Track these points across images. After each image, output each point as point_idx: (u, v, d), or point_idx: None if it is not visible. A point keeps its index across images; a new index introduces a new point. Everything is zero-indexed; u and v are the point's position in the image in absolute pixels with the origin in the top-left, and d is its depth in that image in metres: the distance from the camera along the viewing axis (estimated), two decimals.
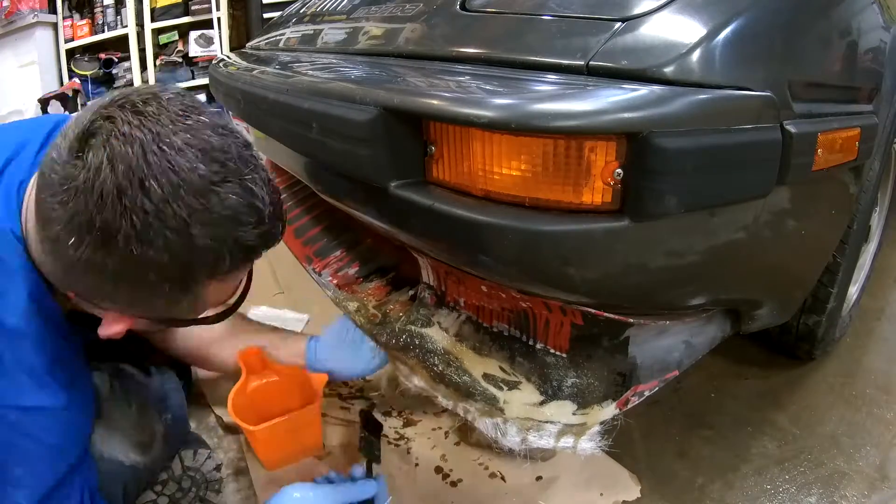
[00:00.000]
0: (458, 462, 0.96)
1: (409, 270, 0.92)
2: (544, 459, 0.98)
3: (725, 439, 1.00)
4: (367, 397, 1.12)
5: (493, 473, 0.93)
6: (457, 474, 0.94)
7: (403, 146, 0.59)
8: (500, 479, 0.93)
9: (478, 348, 0.76)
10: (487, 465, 0.95)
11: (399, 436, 1.03)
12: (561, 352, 0.72)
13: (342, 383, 1.15)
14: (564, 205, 0.53)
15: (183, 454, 0.96)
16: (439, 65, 0.67)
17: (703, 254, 0.61)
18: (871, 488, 0.90)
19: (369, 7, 0.95)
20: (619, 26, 0.57)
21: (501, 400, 0.72)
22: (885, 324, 1.32)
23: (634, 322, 0.71)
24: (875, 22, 0.77)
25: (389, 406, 1.09)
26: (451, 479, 0.93)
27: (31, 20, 3.29)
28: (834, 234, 0.90)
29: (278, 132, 0.82)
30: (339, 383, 1.14)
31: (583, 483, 0.91)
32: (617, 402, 0.72)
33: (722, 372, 1.16)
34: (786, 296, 0.90)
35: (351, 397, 1.12)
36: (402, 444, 1.01)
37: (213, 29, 3.13)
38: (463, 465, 0.95)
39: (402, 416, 1.07)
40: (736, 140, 0.54)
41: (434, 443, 1.01)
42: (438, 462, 0.96)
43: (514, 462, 0.94)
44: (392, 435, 1.03)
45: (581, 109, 0.49)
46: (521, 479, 0.92)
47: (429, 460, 0.97)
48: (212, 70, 1.21)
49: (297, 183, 1.32)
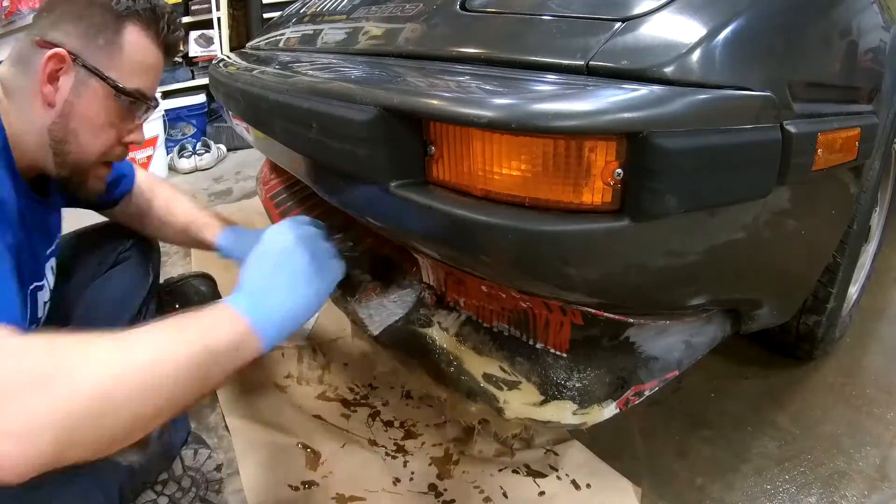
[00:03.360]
0: (454, 483, 0.93)
1: (409, 270, 0.92)
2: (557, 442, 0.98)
3: (725, 439, 1.00)
4: (370, 405, 1.11)
5: (487, 497, 0.90)
6: (450, 494, 0.92)
7: (403, 146, 0.59)
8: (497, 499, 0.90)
9: (478, 348, 0.76)
10: (484, 489, 0.92)
11: (397, 447, 1.01)
12: (561, 352, 0.72)
13: (347, 388, 1.14)
14: (564, 205, 0.53)
15: (183, 454, 0.96)
16: (439, 65, 0.67)
17: (702, 254, 0.61)
18: (871, 488, 0.90)
19: (369, 7, 0.95)
20: (619, 26, 0.57)
21: (501, 400, 0.72)
22: (885, 324, 1.32)
23: (634, 322, 0.71)
24: (875, 22, 0.77)
25: (392, 415, 1.08)
26: (443, 498, 0.91)
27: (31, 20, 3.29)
28: (834, 234, 0.90)
29: (278, 132, 0.82)
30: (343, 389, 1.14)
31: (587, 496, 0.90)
32: (617, 402, 0.72)
33: (722, 372, 1.16)
34: (786, 296, 0.90)
35: (355, 404, 1.11)
36: (399, 457, 0.99)
37: (213, 29, 3.13)
38: (458, 487, 0.93)
39: (405, 426, 1.05)
40: (736, 140, 0.54)
41: (432, 459, 0.98)
42: (433, 480, 0.94)
43: (516, 477, 0.93)
44: (390, 447, 1.01)
45: (581, 109, 0.49)
46: (523, 494, 0.91)
47: (424, 476, 0.95)
48: (212, 70, 1.21)
49: (297, 183, 1.32)
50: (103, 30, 0.75)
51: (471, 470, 0.95)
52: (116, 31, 0.76)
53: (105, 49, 0.75)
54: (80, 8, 0.75)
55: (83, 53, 0.75)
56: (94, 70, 0.75)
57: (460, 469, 0.96)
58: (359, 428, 1.06)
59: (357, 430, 1.05)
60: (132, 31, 0.77)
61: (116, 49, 0.76)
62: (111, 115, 0.79)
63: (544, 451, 0.98)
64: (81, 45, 0.75)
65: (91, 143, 0.79)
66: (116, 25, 0.76)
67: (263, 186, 1.48)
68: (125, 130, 0.83)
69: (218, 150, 2.92)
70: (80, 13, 0.75)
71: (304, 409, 1.10)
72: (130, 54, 0.77)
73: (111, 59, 0.76)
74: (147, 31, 0.78)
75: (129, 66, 0.78)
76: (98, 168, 0.83)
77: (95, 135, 0.79)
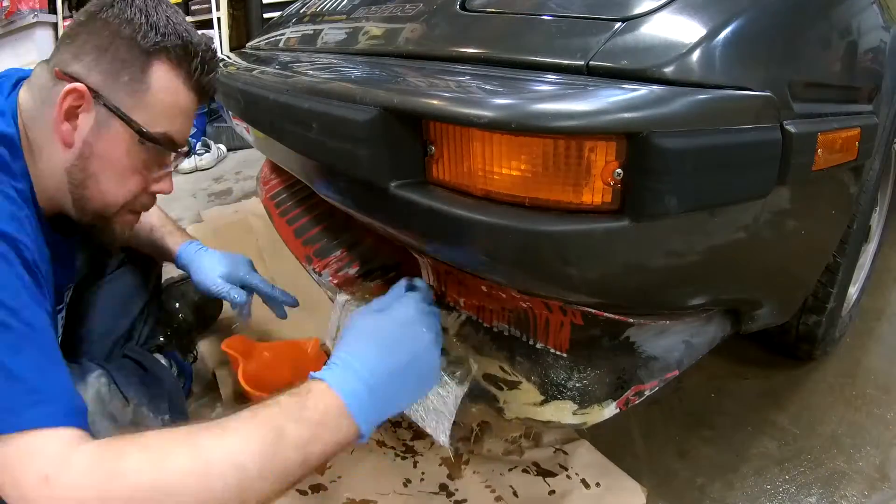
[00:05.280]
0: (465, 483, 0.92)
1: (409, 270, 0.92)
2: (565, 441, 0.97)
3: (725, 439, 1.00)
4: None
5: (499, 497, 0.89)
6: (462, 494, 0.91)
7: (403, 146, 0.59)
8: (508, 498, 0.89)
9: (478, 348, 0.76)
10: (495, 488, 0.91)
11: (406, 448, 1.00)
12: (561, 352, 0.72)
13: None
14: (564, 205, 0.53)
15: None
16: (439, 65, 0.67)
17: (703, 254, 0.61)
18: (871, 488, 0.90)
19: (369, 7, 0.95)
20: (619, 26, 0.57)
21: (501, 400, 0.72)
22: (885, 324, 1.32)
23: (634, 322, 0.71)
24: (875, 22, 0.77)
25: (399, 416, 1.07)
26: (455, 498, 0.90)
27: (31, 20, 3.29)
28: (834, 234, 0.90)
29: (278, 132, 0.82)
30: None
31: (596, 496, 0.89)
32: (617, 401, 0.72)
33: (722, 372, 1.16)
34: (786, 296, 0.90)
35: None
36: (409, 458, 0.98)
37: (213, 29, 3.14)
38: (470, 487, 0.91)
39: (413, 426, 1.04)
40: (736, 140, 0.54)
41: (442, 458, 0.97)
42: (444, 480, 0.93)
43: (526, 476, 0.92)
44: (399, 447, 1.00)
45: (581, 109, 0.49)
46: (533, 493, 0.90)
47: (435, 476, 0.94)
48: None
49: (297, 183, 1.32)
50: (129, 66, 0.68)
51: (481, 469, 0.95)
52: (143, 69, 0.69)
53: (129, 87, 0.68)
54: (105, 40, 0.68)
55: (105, 91, 0.68)
56: (116, 110, 0.68)
57: (471, 469, 0.95)
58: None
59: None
60: (161, 70, 0.70)
61: (142, 88, 0.69)
62: (135, 161, 0.72)
63: (553, 450, 0.98)
64: (104, 82, 0.68)
65: (113, 190, 0.72)
66: (143, 62, 0.69)
67: (263, 186, 1.48)
68: (151, 179, 0.76)
69: (218, 150, 2.92)
70: (104, 45, 0.68)
71: None
72: (158, 95, 0.70)
73: (136, 98, 0.69)
74: (178, 71, 0.71)
75: (156, 107, 0.70)
76: (123, 216, 0.77)
77: (118, 182, 0.72)
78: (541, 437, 1.00)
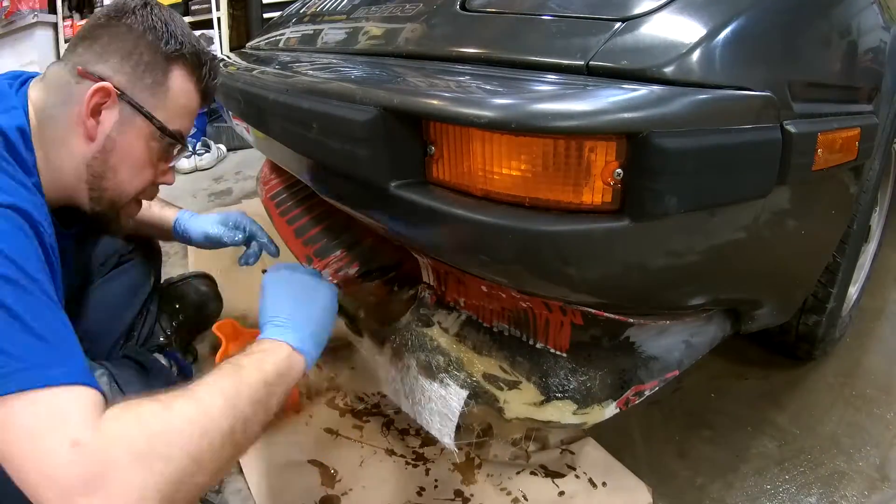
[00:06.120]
0: (479, 488, 0.91)
1: (409, 270, 0.92)
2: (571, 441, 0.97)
3: (725, 439, 1.00)
4: (384, 413, 1.08)
5: (515, 499, 0.89)
6: (478, 499, 0.90)
7: (403, 146, 0.59)
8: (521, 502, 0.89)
9: (478, 348, 0.76)
10: (510, 490, 0.90)
11: (416, 455, 0.98)
12: (561, 352, 0.72)
13: (357, 398, 1.12)
14: (564, 205, 0.53)
15: None
16: (439, 65, 0.67)
17: (703, 254, 0.61)
18: (871, 488, 0.90)
19: (369, 7, 0.95)
20: (619, 26, 0.57)
21: (501, 400, 0.72)
22: (885, 324, 1.32)
23: (634, 322, 0.71)
24: (875, 22, 0.77)
25: (406, 423, 1.05)
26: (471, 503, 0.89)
27: (31, 20, 3.29)
28: (834, 234, 0.90)
29: (278, 132, 0.82)
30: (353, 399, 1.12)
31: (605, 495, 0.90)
32: (617, 401, 0.72)
33: (722, 372, 1.16)
34: (786, 296, 0.90)
35: (367, 413, 1.08)
36: (420, 465, 0.96)
37: (213, 29, 3.14)
38: (485, 491, 0.91)
39: (421, 433, 1.02)
40: (736, 140, 0.54)
41: (453, 464, 0.96)
42: (458, 486, 0.92)
43: (534, 478, 0.92)
44: (409, 455, 0.98)
45: (581, 109, 0.49)
46: (543, 495, 0.90)
47: (448, 483, 0.93)
48: None
49: (297, 183, 1.32)
50: (151, 69, 0.75)
51: (493, 473, 0.94)
52: (164, 73, 0.76)
53: (151, 88, 0.75)
54: (130, 44, 0.74)
55: (130, 90, 0.74)
56: (140, 108, 0.74)
57: (484, 473, 0.94)
58: (374, 438, 1.03)
59: (373, 440, 1.02)
60: (178, 74, 0.77)
61: (163, 90, 0.76)
62: (152, 155, 0.79)
63: (560, 450, 0.98)
64: (128, 82, 0.74)
65: (129, 181, 0.78)
66: (165, 66, 0.76)
67: (263, 186, 1.48)
68: (159, 171, 0.83)
69: (218, 150, 2.92)
70: (129, 49, 0.74)
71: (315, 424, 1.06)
72: (175, 97, 0.77)
73: (157, 99, 0.76)
74: (191, 76, 0.79)
75: (172, 107, 0.78)
76: (130, 205, 0.83)
77: (134, 173, 0.78)
78: (547, 440, 1.00)
